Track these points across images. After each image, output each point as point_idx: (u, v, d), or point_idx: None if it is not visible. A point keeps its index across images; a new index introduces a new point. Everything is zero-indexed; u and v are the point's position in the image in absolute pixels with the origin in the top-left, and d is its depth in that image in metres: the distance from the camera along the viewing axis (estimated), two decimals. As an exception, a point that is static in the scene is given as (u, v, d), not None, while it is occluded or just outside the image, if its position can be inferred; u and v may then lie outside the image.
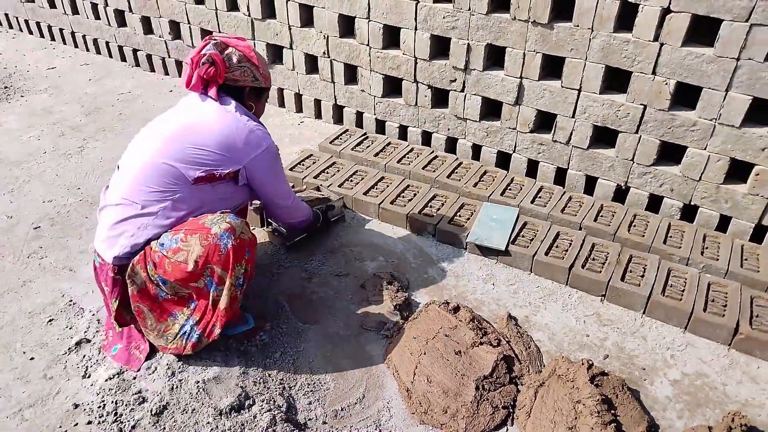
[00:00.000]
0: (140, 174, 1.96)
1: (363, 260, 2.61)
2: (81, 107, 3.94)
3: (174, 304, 2.00)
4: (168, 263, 1.89)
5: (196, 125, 1.99)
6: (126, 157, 2.07)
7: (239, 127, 2.01)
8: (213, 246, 1.87)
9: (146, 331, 2.01)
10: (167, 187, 1.95)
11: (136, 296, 1.96)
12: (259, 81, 2.14)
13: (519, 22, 2.69)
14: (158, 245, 1.92)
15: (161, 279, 1.92)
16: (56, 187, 3.09)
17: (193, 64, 2.00)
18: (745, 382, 2.06)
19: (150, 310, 1.99)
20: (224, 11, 3.71)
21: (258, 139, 2.04)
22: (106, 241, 1.98)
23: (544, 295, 2.42)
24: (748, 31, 2.21)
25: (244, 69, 2.08)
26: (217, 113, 2.01)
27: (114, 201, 2.00)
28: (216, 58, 1.99)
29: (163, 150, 1.96)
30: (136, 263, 1.94)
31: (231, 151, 1.99)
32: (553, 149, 2.92)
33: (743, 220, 2.57)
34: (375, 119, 3.49)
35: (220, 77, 2.02)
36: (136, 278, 1.95)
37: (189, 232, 1.91)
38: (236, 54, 2.06)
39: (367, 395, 1.99)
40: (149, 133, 2.07)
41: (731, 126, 2.41)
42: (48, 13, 4.83)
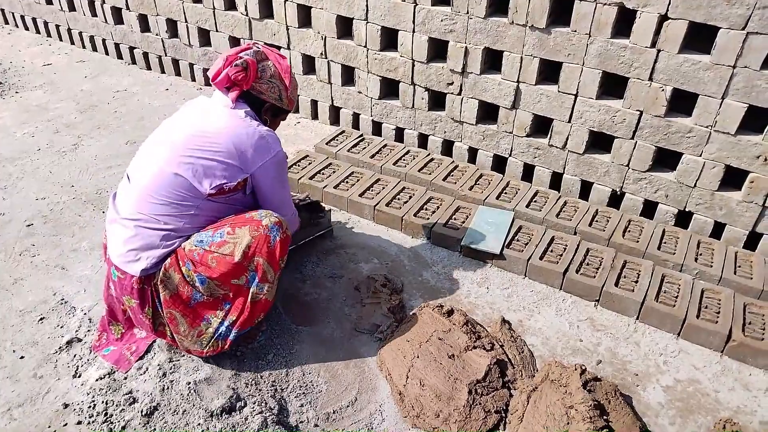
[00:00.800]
0: (151, 185, 1.92)
1: (357, 262, 2.60)
2: (76, 104, 3.92)
3: (207, 308, 1.96)
4: (211, 258, 1.87)
5: (206, 131, 1.95)
6: (134, 166, 2.02)
7: (249, 132, 1.96)
8: (263, 237, 1.88)
9: (179, 338, 1.98)
10: (180, 201, 1.91)
11: (168, 301, 1.93)
12: (282, 102, 2.11)
13: (517, 26, 2.69)
14: (195, 243, 1.90)
15: (200, 278, 1.89)
16: (50, 184, 3.07)
17: (226, 62, 1.97)
18: (737, 389, 2.06)
19: (183, 315, 1.95)
20: (222, 10, 3.70)
21: (267, 146, 1.99)
22: (126, 255, 1.92)
23: (538, 300, 2.42)
24: (744, 39, 2.22)
25: (272, 85, 2.05)
26: (227, 118, 1.97)
27: (128, 214, 1.95)
28: (250, 65, 1.97)
29: (173, 158, 1.91)
30: (168, 267, 1.90)
31: (240, 158, 1.94)
32: (549, 154, 2.92)
33: (737, 227, 2.58)
34: (372, 121, 3.49)
35: (247, 84, 1.99)
36: (169, 283, 1.91)
37: (236, 225, 1.91)
38: (271, 68, 2.04)
39: (360, 398, 1.98)
40: (157, 140, 2.02)
41: (727, 133, 2.42)
42: (44, 10, 4.81)
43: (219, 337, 1.97)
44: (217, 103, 2.03)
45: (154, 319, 1.99)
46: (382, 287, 2.40)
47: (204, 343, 1.98)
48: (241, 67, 1.97)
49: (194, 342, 1.98)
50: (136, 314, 2.01)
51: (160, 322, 2.01)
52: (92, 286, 2.41)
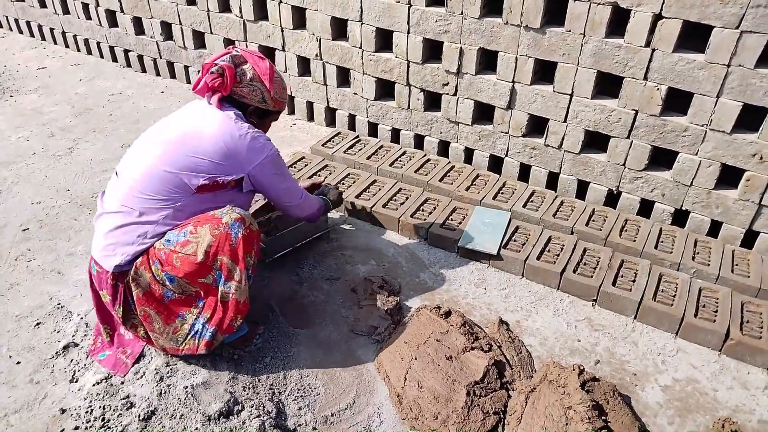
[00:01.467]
0: (140, 181, 1.92)
1: (354, 264, 2.60)
2: (71, 108, 3.91)
3: (181, 305, 1.96)
4: (176, 257, 1.86)
5: (197, 132, 1.96)
6: (125, 163, 2.02)
7: (241, 134, 1.97)
8: (224, 235, 1.86)
9: (155, 336, 1.97)
10: (168, 195, 1.91)
11: (141, 299, 1.92)
12: (267, 103, 2.09)
13: (511, 26, 2.69)
14: (164, 242, 1.89)
15: (168, 276, 1.89)
16: (45, 188, 3.06)
17: (203, 70, 1.99)
18: (735, 388, 2.06)
19: (157, 312, 1.95)
20: (216, 12, 3.69)
21: (260, 147, 2.00)
22: (105, 249, 1.93)
23: (535, 300, 2.42)
24: (738, 38, 2.22)
25: (253, 88, 2.05)
26: (219, 120, 1.98)
27: (112, 208, 1.95)
28: (227, 71, 1.97)
29: (164, 156, 1.92)
30: (139, 265, 1.90)
31: (233, 159, 1.95)
32: (545, 153, 2.92)
33: (734, 226, 2.58)
34: (367, 122, 3.48)
35: (226, 90, 2.00)
36: (141, 280, 1.91)
37: (198, 223, 1.89)
38: (251, 71, 2.03)
39: (358, 401, 1.98)
40: (150, 138, 2.03)
41: (722, 132, 2.42)
42: (38, 13, 4.79)
43: (196, 335, 1.96)
44: (210, 106, 2.04)
45: (125, 316, 1.98)
46: (379, 289, 2.40)
47: (180, 339, 1.97)
48: (216, 74, 1.97)
49: (169, 339, 1.97)
50: (111, 310, 2.02)
51: (132, 323, 1.99)
52: (88, 290, 2.36)
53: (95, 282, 2.02)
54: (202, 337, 1.96)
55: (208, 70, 1.99)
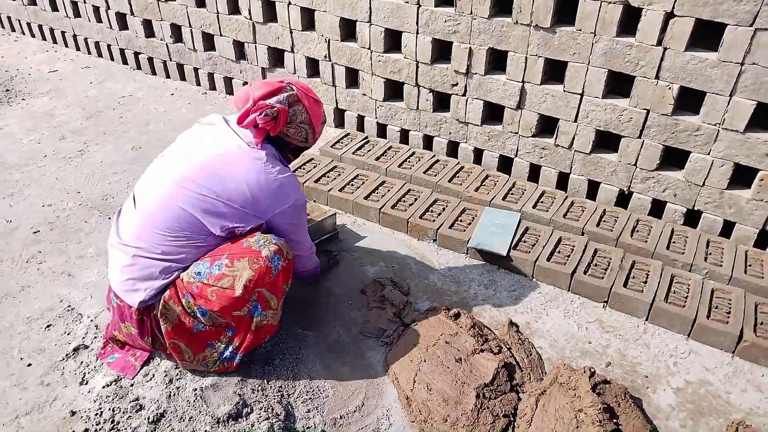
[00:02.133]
0: (156, 214, 1.85)
1: (363, 265, 2.59)
2: (82, 110, 3.93)
3: (210, 336, 1.93)
4: (211, 291, 1.81)
5: (220, 172, 1.86)
6: (142, 188, 1.95)
7: (268, 179, 1.88)
8: (264, 269, 1.81)
9: (183, 364, 1.97)
10: (187, 235, 1.85)
11: (170, 333, 1.89)
12: (307, 143, 2.06)
13: (521, 26, 2.67)
14: (193, 275, 1.84)
15: (201, 310, 1.84)
16: (56, 191, 3.08)
17: (256, 107, 1.88)
18: (749, 391, 2.03)
19: (187, 345, 1.92)
20: (225, 14, 3.70)
21: (286, 195, 1.92)
22: (125, 283, 1.88)
23: (545, 302, 2.40)
24: (752, 36, 2.19)
25: (300, 129, 1.99)
26: (245, 159, 1.88)
27: (129, 241, 1.89)
28: (281, 114, 1.89)
29: (182, 194, 1.84)
30: (167, 299, 1.86)
31: (255, 207, 1.88)
32: (556, 154, 2.90)
33: (747, 226, 2.55)
34: (376, 123, 3.47)
35: (274, 131, 1.92)
36: (170, 315, 1.87)
37: (234, 256, 1.82)
38: (302, 114, 1.97)
39: (367, 403, 1.97)
40: (170, 163, 1.94)
41: (735, 131, 2.39)
42: (50, 16, 4.83)
43: (224, 360, 1.97)
44: (234, 134, 1.93)
45: (154, 344, 1.99)
46: (388, 291, 2.39)
47: (209, 365, 1.97)
48: (271, 116, 1.88)
49: (199, 364, 1.97)
50: (135, 340, 2.00)
51: (161, 344, 1.99)
52: (98, 292, 2.41)
53: (116, 313, 1.99)
54: (230, 360, 1.97)
55: (262, 109, 1.87)
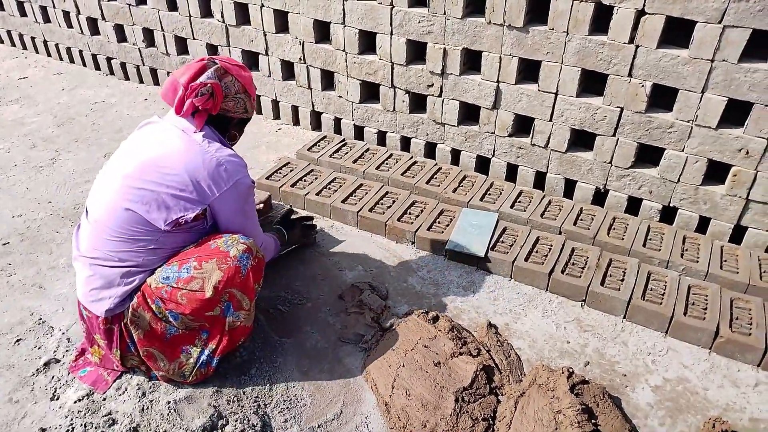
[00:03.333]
0: (106, 220, 1.83)
1: (341, 270, 2.56)
2: (53, 118, 3.86)
3: (184, 340, 1.90)
4: (180, 295, 1.79)
5: (159, 161, 1.83)
6: (91, 198, 1.94)
7: (205, 159, 1.83)
8: (233, 269, 1.79)
9: (160, 374, 1.94)
10: (138, 236, 1.82)
11: (143, 341, 1.86)
12: (248, 113, 2.04)
13: (494, 26, 2.66)
14: (161, 280, 1.81)
15: (172, 314, 1.82)
16: (26, 201, 3.01)
17: (188, 91, 1.84)
18: (726, 386, 2.04)
19: (161, 351, 1.89)
20: (198, 18, 3.65)
21: (227, 174, 1.86)
22: (89, 294, 1.87)
23: (524, 302, 2.40)
24: (721, 33, 2.20)
25: (238, 100, 1.96)
26: (182, 144, 1.85)
27: (88, 252, 1.88)
28: (215, 89, 1.87)
29: (125, 193, 1.81)
30: (136, 307, 1.83)
31: (196, 189, 1.82)
32: (532, 153, 2.90)
33: (722, 221, 2.56)
34: (353, 125, 3.45)
35: (215, 109, 1.90)
36: (140, 322, 1.84)
37: (202, 258, 1.80)
38: (235, 84, 1.94)
39: (345, 411, 1.95)
40: (113, 169, 1.91)
41: (708, 127, 2.41)
42: (19, 22, 4.74)
43: (201, 366, 1.93)
44: (172, 126, 1.91)
45: (123, 359, 1.95)
46: (366, 295, 2.36)
47: (187, 373, 1.93)
48: (207, 95, 1.86)
49: (177, 374, 1.93)
50: (107, 356, 1.99)
51: (131, 363, 1.96)
52: (70, 304, 2.36)
53: (87, 325, 1.97)
54: (207, 365, 1.94)
55: (195, 90, 1.84)
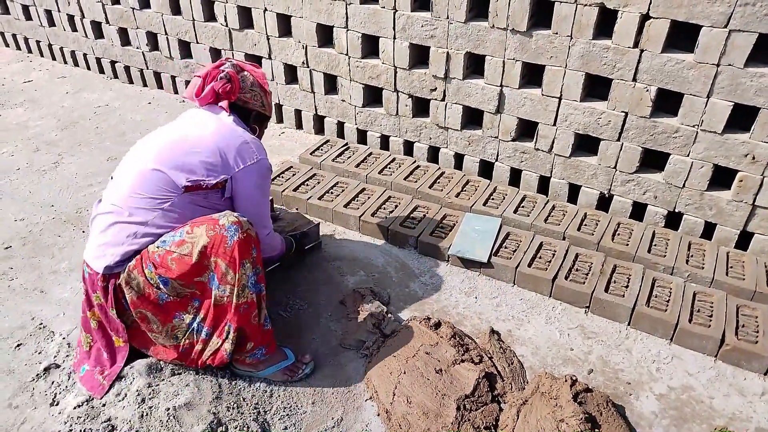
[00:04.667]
0: (133, 181, 1.92)
1: (343, 275, 2.55)
2: (57, 121, 3.86)
3: (177, 306, 1.92)
4: (171, 259, 1.83)
5: (191, 134, 1.99)
6: (120, 167, 2.04)
7: (234, 136, 2.00)
8: (219, 237, 1.83)
9: (153, 335, 1.95)
10: (158, 195, 1.90)
11: (136, 302, 1.90)
12: (265, 108, 2.19)
13: (498, 30, 2.65)
14: (159, 243, 1.87)
15: (162, 279, 1.85)
16: (29, 204, 3.01)
17: (207, 78, 2.04)
18: (732, 395, 2.01)
19: (153, 314, 1.92)
20: (201, 22, 3.65)
21: (251, 152, 2.00)
22: (96, 249, 1.92)
23: (527, 308, 2.37)
24: (727, 37, 2.18)
25: (255, 93, 2.13)
26: (215, 122, 2.02)
27: (106, 209, 1.95)
28: (233, 77, 2.05)
29: (156, 158, 1.93)
30: (132, 268, 1.88)
31: (222, 159, 1.95)
32: (536, 157, 2.88)
33: (728, 227, 2.54)
34: (356, 129, 3.44)
35: (234, 94, 2.06)
36: (133, 283, 1.88)
37: (195, 224, 1.87)
38: (250, 78, 2.13)
39: (346, 418, 1.93)
40: (144, 143, 2.04)
41: (713, 132, 2.38)
42: (24, 26, 4.76)
43: (193, 332, 1.94)
44: (206, 111, 2.07)
45: (120, 316, 1.96)
46: (368, 301, 2.35)
47: (179, 336, 1.94)
48: (225, 80, 2.04)
49: (169, 337, 1.94)
50: (106, 312, 1.98)
51: (133, 319, 1.96)
52: (71, 308, 2.35)
53: (88, 284, 1.98)
54: (198, 334, 1.93)
55: (214, 77, 2.04)
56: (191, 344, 1.95)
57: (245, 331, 1.93)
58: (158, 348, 2.00)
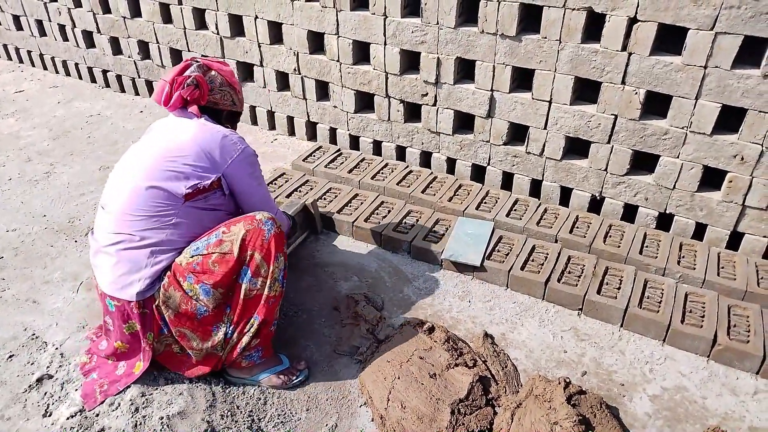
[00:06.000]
0: (128, 204, 1.90)
1: (336, 280, 2.55)
2: (49, 131, 3.86)
3: (214, 319, 1.93)
4: (212, 262, 1.85)
5: (172, 141, 1.98)
6: (107, 194, 2.00)
7: (212, 134, 1.99)
8: (257, 231, 1.87)
9: (194, 352, 1.95)
10: (160, 211, 1.89)
11: (174, 321, 1.90)
12: (236, 106, 2.19)
13: (487, 35, 2.67)
14: (192, 253, 1.88)
15: (204, 288, 1.86)
16: (21, 215, 3.01)
17: (175, 85, 2.00)
18: (724, 395, 2.02)
19: (192, 330, 1.92)
20: (193, 30, 3.66)
21: (233, 144, 2.01)
22: (117, 281, 1.89)
23: (520, 311, 2.38)
24: (713, 40, 2.20)
25: (224, 93, 2.12)
26: (190, 125, 2.00)
27: (109, 240, 1.91)
28: (200, 81, 2.03)
29: (145, 174, 1.92)
30: (167, 287, 1.88)
31: (208, 159, 1.96)
32: (527, 161, 2.89)
33: (719, 228, 2.55)
34: (349, 135, 3.45)
35: (203, 99, 2.05)
36: (170, 302, 1.88)
37: (231, 223, 1.91)
38: (219, 77, 2.11)
39: (340, 424, 1.93)
40: (127, 163, 2.01)
41: (702, 134, 2.40)
42: (15, 36, 4.75)
43: (229, 340, 1.96)
44: (178, 117, 2.06)
45: (156, 343, 1.97)
46: (362, 306, 2.35)
47: (219, 348, 1.96)
48: (192, 86, 2.01)
49: (209, 354, 1.96)
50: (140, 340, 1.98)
51: (167, 344, 1.98)
52: (64, 319, 2.34)
53: (115, 318, 1.96)
54: (231, 338, 1.95)
55: (181, 83, 2.00)
56: (224, 347, 1.97)
57: (262, 326, 1.96)
58: (193, 369, 2.00)
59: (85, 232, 2.84)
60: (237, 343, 1.96)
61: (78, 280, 2.55)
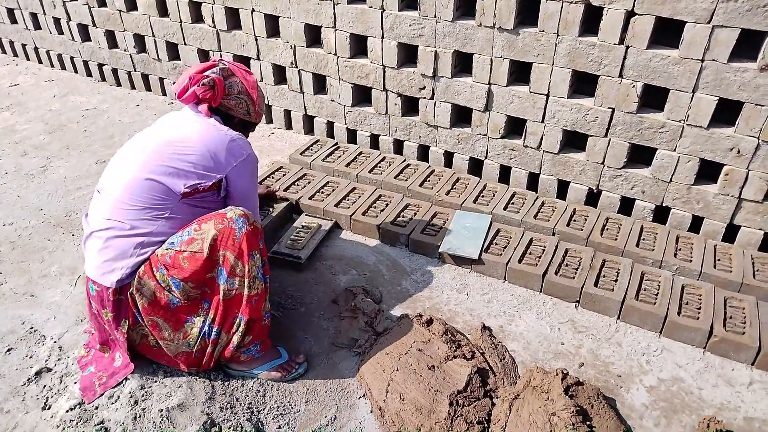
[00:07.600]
0: (123, 192, 1.89)
1: (335, 274, 2.56)
2: (45, 125, 3.84)
3: (187, 311, 1.93)
4: (182, 258, 1.84)
5: (178, 136, 1.97)
6: (105, 178, 2.00)
7: (221, 136, 1.99)
8: (228, 230, 1.84)
9: (165, 344, 1.94)
10: (156, 204, 1.89)
11: (147, 309, 1.89)
12: (250, 116, 2.16)
13: (485, 28, 2.66)
14: (167, 246, 1.87)
15: (174, 282, 1.85)
16: (18, 209, 3.00)
17: (192, 80, 2.00)
18: (720, 386, 2.04)
19: (165, 320, 1.92)
20: (189, 23, 3.64)
21: (240, 148, 2.01)
22: (101, 266, 1.89)
23: (518, 304, 2.39)
24: (710, 33, 2.21)
25: (240, 101, 2.10)
26: (199, 124, 2.00)
27: (100, 226, 1.91)
28: (218, 83, 2.02)
29: (146, 165, 1.91)
30: (142, 275, 1.87)
31: (214, 160, 1.96)
32: (525, 154, 2.90)
33: (715, 220, 2.57)
34: (346, 128, 3.44)
35: (215, 101, 2.04)
36: (145, 290, 1.88)
37: (201, 221, 1.89)
38: (238, 85, 2.09)
39: (339, 416, 1.94)
40: (128, 151, 2.01)
41: (699, 127, 2.41)
42: (9, 29, 4.72)
43: (204, 335, 1.94)
44: (188, 112, 2.06)
45: (132, 332, 1.95)
46: (360, 299, 2.36)
47: (191, 343, 1.94)
48: (208, 86, 2.00)
49: (182, 345, 1.94)
50: (112, 330, 1.97)
51: (143, 334, 1.96)
52: (62, 312, 2.34)
53: (95, 302, 1.96)
54: (209, 337, 1.93)
55: (198, 81, 2.00)
56: (203, 349, 1.95)
57: (251, 323, 1.94)
58: (170, 361, 2.00)
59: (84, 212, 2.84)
60: (228, 344, 1.96)
61: (76, 273, 2.55)
